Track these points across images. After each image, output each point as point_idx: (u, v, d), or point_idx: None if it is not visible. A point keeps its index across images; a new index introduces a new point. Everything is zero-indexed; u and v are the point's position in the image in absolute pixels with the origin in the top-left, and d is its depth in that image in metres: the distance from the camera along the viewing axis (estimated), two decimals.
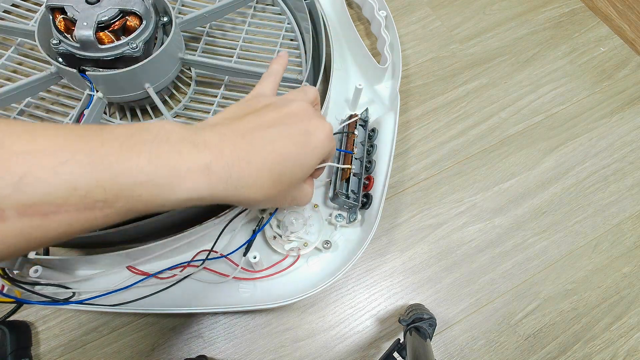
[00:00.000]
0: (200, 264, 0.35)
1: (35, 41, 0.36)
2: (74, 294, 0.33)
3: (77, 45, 0.34)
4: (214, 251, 0.35)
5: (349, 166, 0.37)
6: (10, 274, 0.31)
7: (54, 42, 0.35)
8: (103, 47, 0.34)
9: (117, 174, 0.18)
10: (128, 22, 0.35)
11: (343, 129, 0.41)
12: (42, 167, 0.17)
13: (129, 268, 0.34)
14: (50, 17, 0.35)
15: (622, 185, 0.47)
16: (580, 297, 0.42)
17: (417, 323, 0.35)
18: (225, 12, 0.45)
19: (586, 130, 0.50)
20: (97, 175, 0.18)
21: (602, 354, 0.40)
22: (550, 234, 0.44)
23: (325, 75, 0.48)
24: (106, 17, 0.34)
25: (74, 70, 0.36)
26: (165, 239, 0.32)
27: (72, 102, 0.44)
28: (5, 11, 0.49)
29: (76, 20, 0.33)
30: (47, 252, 0.34)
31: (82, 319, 0.38)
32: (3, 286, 0.31)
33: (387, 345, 0.36)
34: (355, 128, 0.41)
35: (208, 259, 0.35)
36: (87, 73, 0.35)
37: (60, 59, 0.37)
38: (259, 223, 0.36)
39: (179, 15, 0.49)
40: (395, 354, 0.34)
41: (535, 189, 0.46)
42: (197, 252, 0.36)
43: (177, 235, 0.32)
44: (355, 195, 0.37)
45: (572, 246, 0.44)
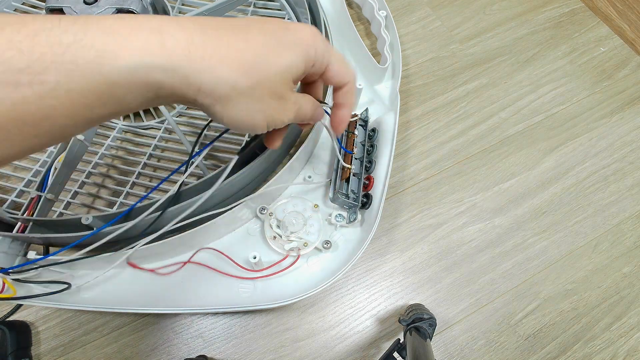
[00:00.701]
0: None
1: None
2: (69, 285, 0.33)
3: None
4: (214, 248, 0.35)
5: (349, 166, 0.37)
6: (10, 274, 0.31)
7: None
8: None
9: (35, 34, 0.14)
10: None
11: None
12: None
13: (130, 263, 0.34)
14: None
15: (622, 185, 0.47)
16: (580, 297, 0.42)
17: (417, 323, 0.35)
18: (225, 9, 0.45)
19: (586, 130, 0.50)
20: (8, 37, 0.14)
21: (602, 354, 0.40)
22: (550, 234, 0.44)
23: None
24: None
25: None
26: (166, 239, 0.32)
27: None
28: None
29: None
30: (47, 252, 0.34)
31: (82, 319, 0.38)
32: (3, 285, 0.31)
33: (387, 345, 0.36)
34: (355, 128, 0.41)
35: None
36: None
37: None
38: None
39: (179, 14, 0.49)
40: (395, 354, 0.34)
41: (535, 189, 0.46)
42: (197, 250, 0.36)
43: (178, 235, 0.32)
44: (355, 195, 0.37)
45: (572, 246, 0.44)
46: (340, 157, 0.38)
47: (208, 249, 0.36)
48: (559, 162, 0.48)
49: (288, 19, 0.50)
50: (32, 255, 0.33)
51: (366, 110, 0.44)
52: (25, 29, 0.14)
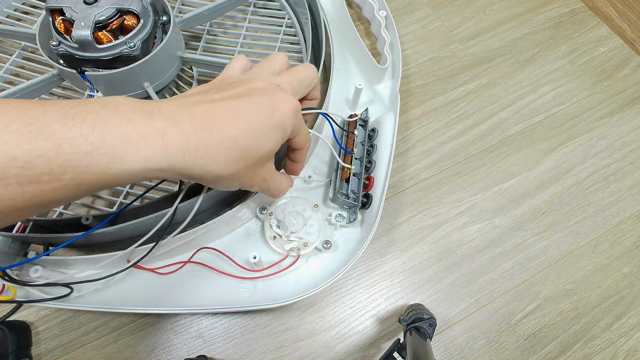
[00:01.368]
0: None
1: (36, 44, 0.36)
2: (72, 290, 0.33)
3: (76, 46, 0.34)
4: (213, 249, 0.35)
5: (349, 166, 0.37)
6: (10, 274, 0.31)
7: (54, 43, 0.35)
8: (101, 47, 0.34)
9: (61, 143, 0.17)
10: (126, 22, 0.35)
11: (343, 127, 0.41)
12: None
13: (129, 262, 0.34)
14: (50, 19, 0.35)
15: (622, 185, 0.47)
16: (580, 297, 0.42)
17: (417, 323, 0.35)
18: (225, 9, 0.45)
19: (586, 130, 0.50)
20: (37, 145, 0.17)
21: (602, 354, 0.40)
22: (550, 234, 0.44)
23: (325, 75, 0.48)
24: (104, 17, 0.34)
25: (74, 71, 0.36)
26: (166, 239, 0.32)
27: None
28: (8, 16, 0.49)
29: (74, 21, 0.33)
30: (47, 252, 0.34)
31: (82, 319, 0.38)
32: (3, 286, 0.31)
33: (387, 345, 0.36)
34: (355, 128, 0.41)
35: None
36: (86, 73, 0.35)
37: (60, 61, 0.37)
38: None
39: (179, 14, 0.49)
40: (395, 354, 0.34)
41: (535, 189, 0.46)
42: (197, 250, 0.36)
43: (178, 235, 0.32)
44: (355, 195, 0.37)
45: (572, 246, 0.44)
46: (339, 159, 0.38)
47: (208, 249, 0.36)
48: (559, 162, 0.48)
49: (288, 19, 0.50)
50: (32, 255, 0.33)
51: (366, 110, 0.44)
52: (52, 138, 0.17)
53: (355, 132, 0.40)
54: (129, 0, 0.35)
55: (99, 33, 0.34)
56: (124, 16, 0.35)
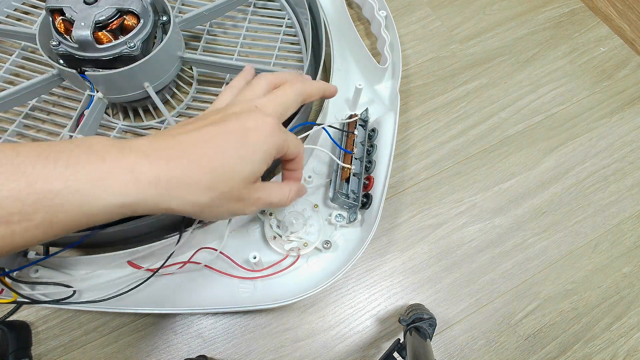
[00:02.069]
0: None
1: (36, 44, 0.36)
2: (74, 292, 0.33)
3: (76, 46, 0.34)
4: (214, 248, 0.35)
5: (349, 166, 0.37)
6: (10, 275, 0.31)
7: (54, 43, 0.35)
8: (101, 47, 0.34)
9: (32, 182, 0.17)
10: (126, 22, 0.36)
11: (343, 127, 0.41)
12: None
13: (130, 263, 0.34)
14: (50, 19, 0.35)
15: (622, 185, 0.47)
16: (580, 297, 0.42)
17: (417, 323, 0.35)
18: (225, 9, 0.45)
19: (586, 130, 0.50)
20: (8, 185, 0.17)
21: (602, 354, 0.40)
22: (550, 234, 0.44)
23: (325, 75, 0.48)
24: (104, 17, 0.34)
25: (74, 71, 0.36)
26: (166, 239, 0.32)
27: (74, 104, 0.45)
28: (8, 16, 0.49)
29: (74, 21, 0.33)
30: (47, 252, 0.34)
31: (82, 319, 0.38)
32: (2, 290, 0.31)
33: (387, 345, 0.36)
34: (355, 128, 0.41)
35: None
36: (86, 73, 0.35)
37: (61, 61, 0.37)
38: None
39: (179, 14, 0.49)
40: (395, 354, 0.34)
41: (535, 189, 0.46)
42: (197, 250, 0.36)
43: (176, 236, 0.32)
44: (355, 195, 0.37)
45: (572, 246, 0.44)
46: (338, 160, 0.38)
47: (208, 249, 0.36)
48: (559, 162, 0.48)
49: (288, 19, 0.50)
50: (32, 255, 0.33)
51: (366, 110, 0.44)
52: (24, 178, 0.17)
53: (355, 132, 0.40)
54: (129, 0, 0.35)
55: (99, 33, 0.34)
56: (124, 16, 0.35)
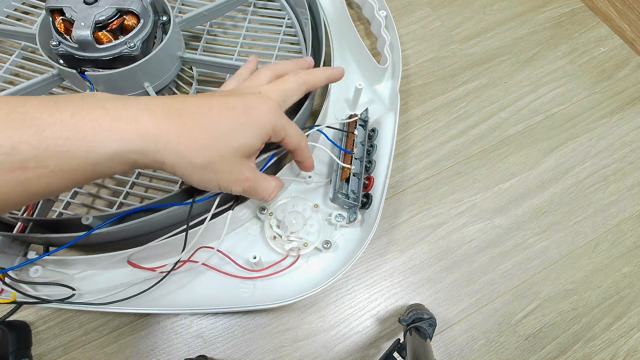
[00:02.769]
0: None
1: (36, 44, 0.36)
2: (74, 293, 0.33)
3: (76, 46, 0.34)
4: (214, 248, 0.35)
5: (348, 166, 0.37)
6: (11, 275, 0.31)
7: (54, 43, 0.35)
8: (101, 47, 0.34)
9: (42, 129, 0.18)
10: (126, 22, 0.35)
11: (343, 127, 0.41)
12: None
13: (130, 263, 0.34)
14: (50, 19, 0.35)
15: (622, 185, 0.47)
16: (580, 297, 0.42)
17: (417, 323, 0.35)
18: (225, 9, 0.45)
19: (586, 130, 0.50)
20: (19, 132, 0.17)
21: (602, 354, 0.40)
22: (550, 234, 0.44)
23: None
24: (104, 17, 0.34)
25: (74, 71, 0.36)
26: (166, 239, 0.32)
27: None
28: (8, 16, 0.49)
29: (74, 21, 0.33)
30: (47, 252, 0.34)
31: (82, 319, 0.38)
32: (2, 290, 0.31)
33: (387, 345, 0.36)
34: (355, 128, 0.41)
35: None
36: (86, 73, 0.35)
37: (60, 61, 0.37)
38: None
39: (179, 14, 0.49)
40: (395, 354, 0.34)
41: (535, 189, 0.46)
42: (197, 249, 0.36)
43: (178, 235, 0.32)
44: (355, 195, 0.37)
45: (572, 246, 0.44)
46: (338, 160, 0.38)
47: (208, 249, 0.36)
48: (559, 162, 0.48)
49: (288, 19, 0.50)
50: (32, 255, 0.33)
51: (366, 110, 0.44)
52: (34, 126, 0.18)
53: (355, 132, 0.40)
54: (129, 0, 0.35)
55: (99, 33, 0.34)
56: (124, 16, 0.35)
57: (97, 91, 0.22)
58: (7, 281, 0.31)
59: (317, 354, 0.38)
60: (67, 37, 0.35)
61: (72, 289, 0.33)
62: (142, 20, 0.36)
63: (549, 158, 0.48)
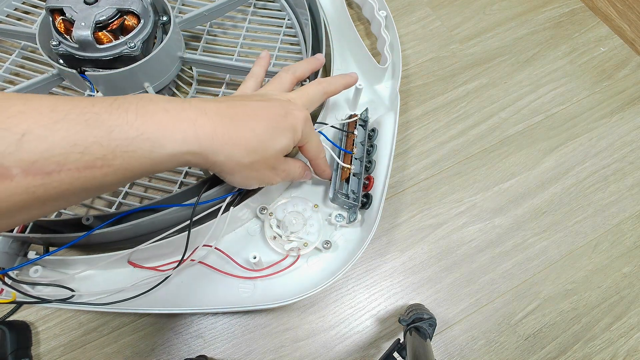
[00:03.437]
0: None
1: (36, 44, 0.36)
2: (74, 293, 0.33)
3: (76, 45, 0.34)
4: (214, 247, 0.35)
5: (348, 166, 0.37)
6: (11, 275, 0.31)
7: (54, 43, 0.35)
8: (101, 47, 0.34)
9: (111, 130, 0.19)
10: (126, 22, 0.36)
11: (343, 127, 0.41)
12: (40, 125, 0.17)
13: (130, 263, 0.34)
14: (50, 19, 0.35)
15: (622, 185, 0.47)
16: (580, 297, 0.42)
17: (417, 323, 0.35)
18: (225, 10, 0.45)
19: (586, 130, 0.50)
20: (92, 132, 0.18)
21: (602, 354, 0.40)
22: (550, 234, 0.44)
23: (325, 75, 0.48)
24: (104, 17, 0.34)
25: (74, 71, 0.36)
26: (165, 239, 0.32)
27: None
28: (8, 15, 0.49)
29: (74, 21, 0.33)
30: (47, 252, 0.34)
31: (82, 319, 0.38)
32: (2, 290, 0.31)
33: (387, 345, 0.36)
34: (355, 128, 0.41)
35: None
36: (86, 73, 0.35)
37: (60, 61, 0.37)
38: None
39: (179, 14, 0.49)
40: (395, 354, 0.34)
41: (535, 189, 0.46)
42: (197, 247, 0.36)
43: (178, 235, 0.32)
44: (355, 195, 0.37)
45: (572, 246, 0.44)
46: (338, 160, 0.38)
47: (208, 247, 0.36)
48: (559, 162, 0.48)
49: (288, 19, 0.50)
50: (32, 255, 0.33)
51: (366, 110, 0.44)
52: (104, 126, 0.19)
53: (355, 132, 0.40)
54: (130, 0, 0.35)
55: (99, 33, 0.34)
56: (125, 16, 0.35)
57: (146, 93, 0.24)
58: (7, 281, 0.31)
59: (317, 354, 0.38)
60: (67, 37, 0.35)
61: (72, 290, 0.33)
62: (142, 21, 0.36)
63: (549, 158, 0.48)
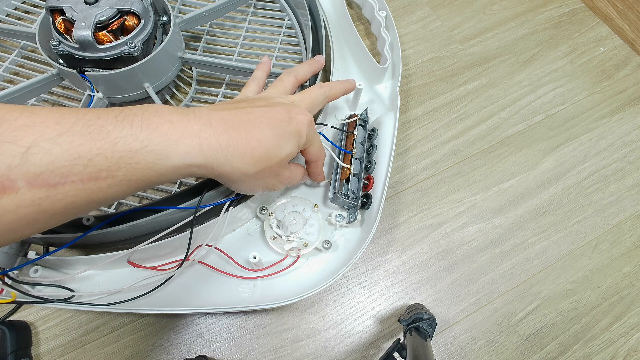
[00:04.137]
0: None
1: (36, 43, 0.36)
2: (74, 293, 0.33)
3: (76, 45, 0.34)
4: (214, 246, 0.35)
5: (348, 166, 0.37)
6: (11, 275, 0.31)
7: (54, 43, 0.35)
8: (102, 47, 0.34)
9: (115, 142, 0.19)
10: (126, 22, 0.36)
11: (343, 127, 0.41)
12: (45, 138, 0.17)
13: (130, 262, 0.34)
14: (50, 19, 0.35)
15: (622, 185, 0.47)
16: (580, 297, 0.42)
17: (417, 323, 0.35)
18: (225, 10, 0.45)
19: (586, 130, 0.50)
20: (96, 144, 0.19)
21: (602, 354, 0.40)
22: (550, 234, 0.44)
23: (325, 75, 0.48)
24: (104, 17, 0.34)
25: (74, 71, 0.36)
26: (165, 239, 0.32)
27: (74, 103, 0.45)
28: (8, 15, 0.49)
29: (75, 21, 0.33)
30: (47, 252, 0.34)
31: (82, 319, 0.38)
32: (2, 290, 0.31)
33: (387, 345, 0.36)
34: (355, 128, 0.41)
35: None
36: (86, 73, 0.35)
37: (60, 61, 0.37)
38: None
39: (179, 14, 0.49)
40: (395, 354, 0.34)
41: (535, 189, 0.46)
42: (197, 247, 0.36)
43: (178, 235, 0.32)
44: (355, 195, 0.37)
45: (572, 246, 0.44)
46: (339, 159, 0.38)
47: (208, 247, 0.36)
48: (559, 162, 0.48)
49: (288, 20, 0.50)
50: (32, 255, 0.33)
51: (366, 110, 0.44)
52: (108, 138, 0.19)
53: (355, 132, 0.40)
54: (130, 0, 0.35)
55: (100, 33, 0.34)
56: (125, 17, 0.35)
57: (152, 104, 0.23)
58: (7, 281, 0.31)
59: (317, 354, 0.38)
60: (68, 37, 0.35)
61: (71, 291, 0.33)
62: (142, 21, 0.36)
63: (549, 158, 0.48)
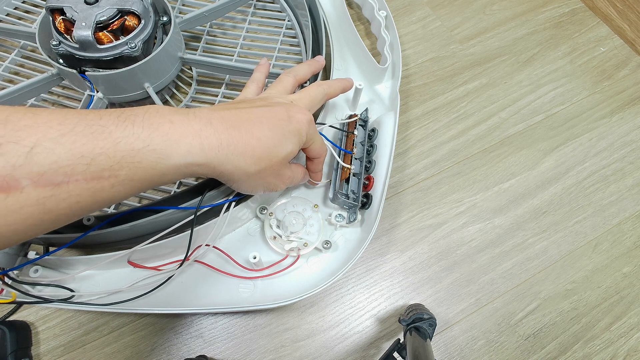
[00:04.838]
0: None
1: (36, 43, 0.36)
2: (74, 293, 0.33)
3: (76, 45, 0.34)
4: (214, 246, 0.35)
5: (348, 166, 0.37)
6: (11, 275, 0.31)
7: (54, 43, 0.35)
8: (102, 47, 0.34)
9: (117, 142, 0.19)
10: (126, 22, 0.36)
11: (343, 127, 0.41)
12: (48, 138, 0.18)
13: (130, 262, 0.34)
14: (50, 19, 0.35)
15: (622, 185, 0.47)
16: (580, 297, 0.42)
17: (417, 323, 0.35)
18: (225, 10, 0.45)
19: (586, 130, 0.50)
20: (99, 144, 0.19)
21: (602, 354, 0.40)
22: (550, 234, 0.44)
23: (325, 75, 0.48)
24: (105, 17, 0.34)
25: (74, 71, 0.36)
26: (165, 239, 0.32)
27: (74, 103, 0.45)
28: (8, 14, 0.49)
29: (75, 21, 0.33)
30: (47, 252, 0.34)
31: (82, 319, 0.38)
32: (2, 290, 0.31)
33: (387, 345, 0.36)
34: (355, 128, 0.41)
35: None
36: (86, 73, 0.35)
37: (60, 60, 0.37)
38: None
39: (179, 14, 0.50)
40: (395, 354, 0.34)
41: (535, 189, 0.46)
42: (197, 247, 0.36)
43: (178, 235, 0.32)
44: (355, 195, 0.37)
45: (572, 246, 0.44)
46: (339, 159, 0.38)
47: (208, 247, 0.36)
48: (559, 162, 0.48)
49: (288, 20, 0.50)
50: (32, 255, 0.33)
51: (366, 110, 0.44)
52: (110, 138, 0.19)
53: (355, 132, 0.40)
54: (130, 0, 0.35)
55: (100, 33, 0.35)
56: (125, 17, 0.35)
57: (153, 105, 0.23)
58: (7, 281, 0.31)
59: (317, 354, 0.38)
60: (68, 36, 0.35)
61: (71, 291, 0.33)
62: (143, 21, 0.36)
63: (549, 158, 0.48)
